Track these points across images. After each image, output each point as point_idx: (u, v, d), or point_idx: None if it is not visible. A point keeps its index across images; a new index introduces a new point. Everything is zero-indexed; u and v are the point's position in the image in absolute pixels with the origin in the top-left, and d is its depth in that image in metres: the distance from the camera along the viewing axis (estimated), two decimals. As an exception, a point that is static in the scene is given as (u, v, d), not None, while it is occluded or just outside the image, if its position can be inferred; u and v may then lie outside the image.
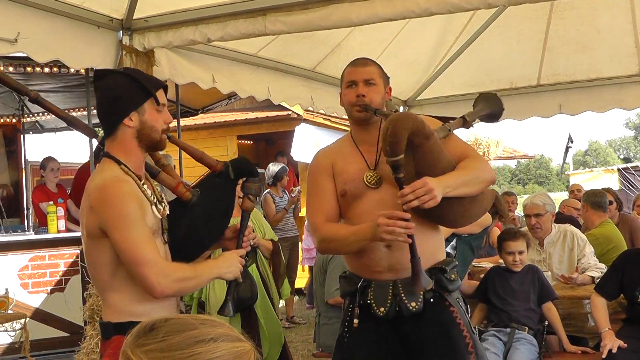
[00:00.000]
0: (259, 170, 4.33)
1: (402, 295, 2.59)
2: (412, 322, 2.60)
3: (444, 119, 2.91)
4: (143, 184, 2.31)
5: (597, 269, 4.58)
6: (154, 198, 2.34)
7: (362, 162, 2.71)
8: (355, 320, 2.64)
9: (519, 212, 8.18)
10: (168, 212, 2.41)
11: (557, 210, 5.95)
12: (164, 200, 2.42)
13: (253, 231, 2.65)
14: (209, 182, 2.52)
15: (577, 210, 6.54)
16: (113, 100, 2.31)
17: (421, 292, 2.58)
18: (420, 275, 2.45)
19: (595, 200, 5.37)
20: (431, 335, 2.60)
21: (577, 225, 5.52)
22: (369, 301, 2.64)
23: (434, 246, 2.72)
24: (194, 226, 2.46)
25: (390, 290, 2.62)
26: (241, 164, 2.49)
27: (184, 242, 2.45)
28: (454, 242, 4.13)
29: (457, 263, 2.78)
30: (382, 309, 2.60)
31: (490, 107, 3.03)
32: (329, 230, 2.67)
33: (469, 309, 2.81)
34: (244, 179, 2.54)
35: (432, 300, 2.63)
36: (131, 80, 2.31)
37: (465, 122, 2.92)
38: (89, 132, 3.29)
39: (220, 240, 2.57)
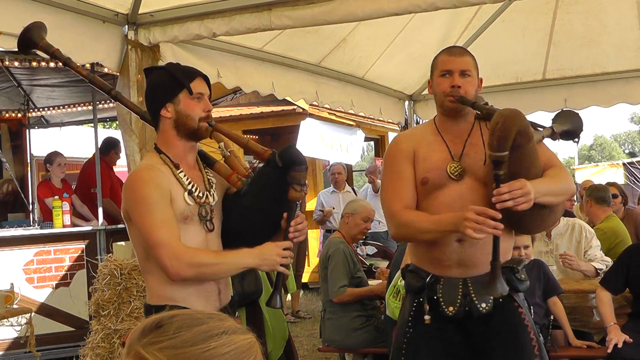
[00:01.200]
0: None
1: (473, 295, 2.54)
2: (480, 321, 2.56)
3: (534, 126, 2.77)
4: (180, 172, 2.37)
5: (603, 262, 4.58)
6: (193, 186, 2.37)
7: (446, 151, 2.64)
8: (427, 317, 2.57)
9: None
10: (212, 200, 2.42)
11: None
12: (212, 189, 2.45)
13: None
14: (259, 171, 2.50)
15: (569, 201, 6.47)
16: (151, 94, 2.45)
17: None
18: (498, 281, 2.38)
19: (599, 195, 5.37)
20: (499, 337, 2.55)
21: (571, 217, 5.51)
22: (437, 298, 2.59)
23: (507, 246, 2.65)
24: (245, 215, 2.46)
25: (460, 289, 2.57)
26: (288, 152, 2.41)
27: (237, 230, 2.47)
28: None
29: (526, 262, 2.74)
30: (450, 308, 2.55)
31: (570, 124, 2.93)
32: (408, 217, 2.59)
33: (532, 310, 2.73)
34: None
35: (501, 300, 2.56)
36: (167, 73, 2.43)
37: (554, 134, 2.82)
38: None
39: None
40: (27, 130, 9.29)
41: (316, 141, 9.63)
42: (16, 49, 2.94)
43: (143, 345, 1.06)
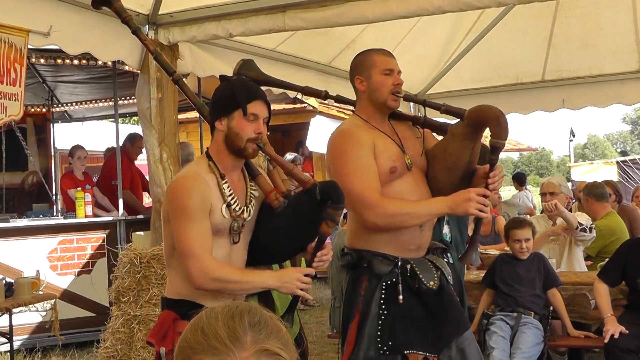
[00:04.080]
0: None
1: (442, 269, 2.72)
2: (435, 294, 2.68)
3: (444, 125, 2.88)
4: (225, 183, 2.34)
5: (588, 221, 4.59)
6: (233, 199, 2.35)
7: (396, 145, 2.71)
8: (400, 297, 2.63)
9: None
10: (247, 216, 2.39)
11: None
12: (250, 204, 2.42)
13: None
14: (298, 196, 2.47)
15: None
16: (213, 104, 2.43)
17: (449, 269, 2.77)
18: (476, 252, 2.69)
19: (597, 192, 5.32)
20: (449, 306, 2.73)
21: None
22: (414, 276, 2.65)
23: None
24: (274, 234, 2.44)
25: (431, 266, 2.70)
26: (329, 187, 2.37)
27: (263, 246, 2.46)
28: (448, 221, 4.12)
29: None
30: (431, 283, 2.65)
31: None
32: (396, 205, 2.60)
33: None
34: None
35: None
36: (229, 88, 2.38)
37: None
38: None
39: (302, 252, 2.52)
40: (51, 124, 9.30)
41: (326, 138, 9.59)
42: (42, 47, 2.95)
43: (261, 342, 1.05)
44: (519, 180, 11.01)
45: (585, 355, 4.82)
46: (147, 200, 7.96)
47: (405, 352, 2.59)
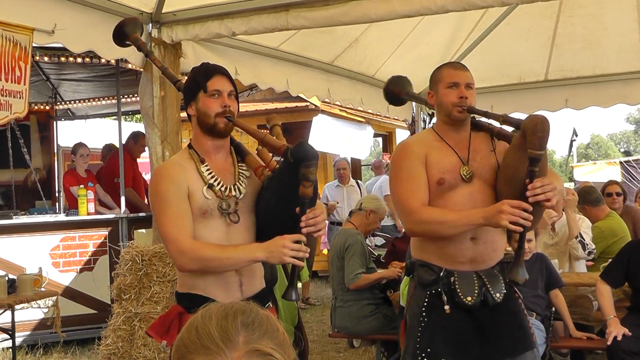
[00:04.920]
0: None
1: (488, 285, 2.64)
2: (489, 310, 2.65)
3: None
4: (205, 166, 2.38)
5: (589, 239, 4.55)
6: (216, 180, 2.37)
7: (456, 156, 2.72)
8: (447, 307, 2.63)
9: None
10: (238, 193, 2.40)
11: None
12: (240, 182, 2.43)
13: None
14: (279, 166, 2.47)
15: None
16: (183, 96, 2.51)
17: (502, 284, 2.66)
18: (521, 267, 2.54)
19: (591, 197, 5.30)
20: (506, 324, 2.66)
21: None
22: (453, 289, 2.65)
23: (504, 243, 2.81)
24: (268, 209, 2.44)
25: (475, 281, 2.65)
26: (297, 148, 2.34)
27: (263, 223, 2.46)
28: None
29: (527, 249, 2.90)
30: (469, 298, 2.63)
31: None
32: (432, 213, 2.64)
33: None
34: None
35: (505, 291, 2.68)
36: (192, 74, 2.48)
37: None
38: None
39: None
40: (54, 122, 9.31)
41: (328, 136, 9.61)
42: (47, 45, 3.02)
43: (253, 342, 1.05)
44: None
45: (588, 357, 4.81)
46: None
47: None
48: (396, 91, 3.30)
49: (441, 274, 2.68)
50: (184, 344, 1.08)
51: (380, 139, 14.64)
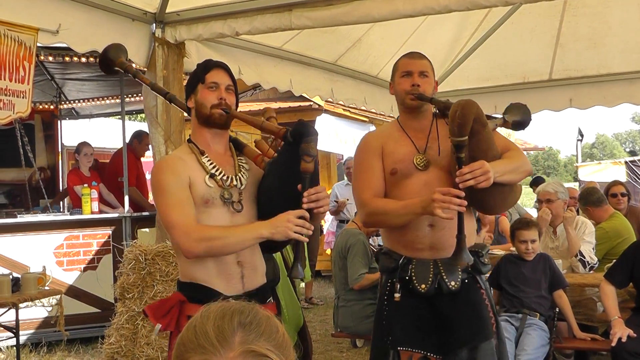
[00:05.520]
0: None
1: (443, 273, 2.65)
2: (448, 299, 2.66)
3: (488, 117, 2.94)
4: (205, 157, 2.42)
5: (587, 252, 4.53)
6: (217, 170, 2.41)
7: (412, 145, 2.76)
8: (397, 295, 2.68)
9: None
10: (239, 183, 2.44)
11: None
12: (241, 173, 2.48)
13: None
14: (278, 150, 2.53)
15: (572, 199, 6.35)
16: (185, 91, 2.54)
17: (459, 272, 2.66)
18: (464, 252, 2.52)
19: (593, 198, 5.28)
20: (464, 313, 2.67)
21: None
22: (410, 277, 2.69)
23: (471, 230, 2.78)
24: (270, 195, 2.47)
25: (431, 268, 2.67)
26: (296, 126, 2.40)
27: (265, 210, 2.47)
28: None
29: (489, 248, 2.86)
30: (423, 286, 2.65)
31: (521, 115, 3.03)
32: (378, 204, 2.71)
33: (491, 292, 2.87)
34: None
35: (466, 280, 2.70)
36: (195, 69, 2.54)
37: (505, 122, 2.96)
38: None
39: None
40: (59, 121, 9.34)
41: (331, 136, 9.61)
42: (51, 44, 3.03)
43: (249, 343, 1.05)
44: (537, 184, 10.96)
45: (592, 358, 4.81)
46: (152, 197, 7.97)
47: (399, 348, 2.67)
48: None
49: (400, 261, 2.72)
50: (183, 343, 1.08)
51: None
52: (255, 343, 1.05)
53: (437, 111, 2.83)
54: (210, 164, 2.42)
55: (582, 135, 15.31)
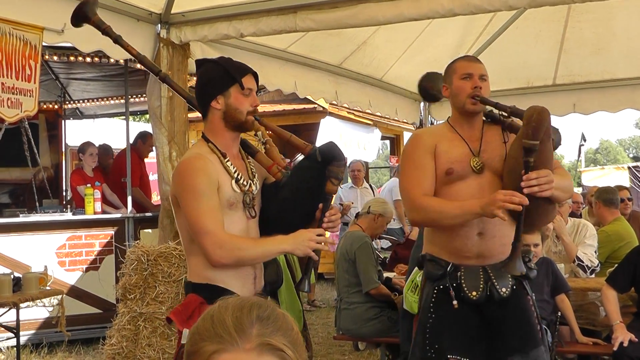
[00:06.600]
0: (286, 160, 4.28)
1: (494, 280, 2.62)
2: (497, 306, 2.63)
3: None
4: (227, 161, 2.40)
5: (587, 257, 4.50)
6: (239, 174, 2.41)
7: (466, 147, 2.73)
8: (455, 302, 2.63)
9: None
10: (255, 189, 2.46)
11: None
12: (255, 178, 2.48)
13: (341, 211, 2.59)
14: (298, 164, 2.56)
15: (575, 203, 6.34)
16: (204, 86, 2.46)
17: (510, 279, 2.63)
18: (518, 260, 2.49)
19: (607, 197, 5.27)
20: (513, 320, 2.64)
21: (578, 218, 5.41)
22: (459, 284, 2.65)
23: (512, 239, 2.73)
24: (283, 205, 2.49)
25: (481, 275, 2.65)
26: (328, 148, 2.45)
27: (274, 220, 2.49)
28: None
29: (534, 253, 2.88)
30: (474, 293, 2.63)
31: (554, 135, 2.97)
32: (431, 203, 2.66)
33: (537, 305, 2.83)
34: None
35: (515, 287, 2.66)
36: (220, 67, 2.44)
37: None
38: None
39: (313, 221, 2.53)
40: (63, 120, 9.36)
41: (335, 139, 9.56)
42: (56, 44, 2.99)
43: (267, 336, 1.06)
44: None
45: (594, 362, 4.79)
46: (155, 198, 7.99)
47: (449, 356, 2.63)
48: (428, 87, 3.46)
49: (448, 268, 2.68)
50: (198, 332, 1.09)
51: (387, 142, 14.63)
52: (273, 337, 1.05)
53: (485, 118, 2.81)
54: (233, 168, 2.42)
55: (585, 140, 15.30)
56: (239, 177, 2.40)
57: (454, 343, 2.64)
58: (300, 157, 5.64)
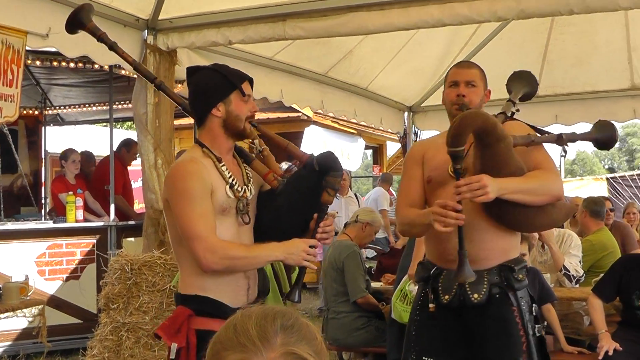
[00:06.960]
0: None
1: (467, 286, 2.60)
2: (476, 313, 2.62)
3: (541, 132, 2.92)
4: (222, 165, 2.37)
5: (572, 265, 4.52)
6: (234, 179, 2.37)
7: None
8: (431, 305, 2.66)
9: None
10: (249, 194, 2.42)
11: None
12: (249, 184, 2.45)
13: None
14: (296, 173, 2.54)
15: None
16: (202, 93, 2.41)
17: (485, 286, 2.59)
18: (465, 268, 2.45)
19: (595, 209, 5.30)
20: (492, 329, 2.61)
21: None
22: (436, 287, 2.68)
23: (508, 244, 2.70)
24: (278, 213, 2.47)
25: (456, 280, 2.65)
26: (325, 157, 2.43)
27: (268, 228, 2.47)
28: None
29: (526, 264, 2.77)
30: (446, 297, 2.64)
31: (601, 132, 3.02)
32: (404, 214, 2.74)
33: (534, 310, 2.72)
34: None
35: (497, 295, 2.62)
36: (218, 74, 2.40)
37: (560, 140, 2.87)
38: None
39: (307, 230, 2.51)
40: (43, 127, 9.21)
41: (319, 147, 9.59)
42: (39, 49, 2.92)
43: (291, 345, 1.05)
44: None
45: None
46: (138, 206, 7.89)
47: (423, 358, 2.65)
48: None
49: (432, 271, 2.71)
50: (220, 341, 1.07)
51: (369, 151, 14.66)
52: (297, 346, 1.04)
53: None
54: (229, 173, 2.39)
55: (565, 152, 15.43)
56: (233, 182, 2.37)
57: (430, 346, 2.66)
58: (284, 165, 5.65)
